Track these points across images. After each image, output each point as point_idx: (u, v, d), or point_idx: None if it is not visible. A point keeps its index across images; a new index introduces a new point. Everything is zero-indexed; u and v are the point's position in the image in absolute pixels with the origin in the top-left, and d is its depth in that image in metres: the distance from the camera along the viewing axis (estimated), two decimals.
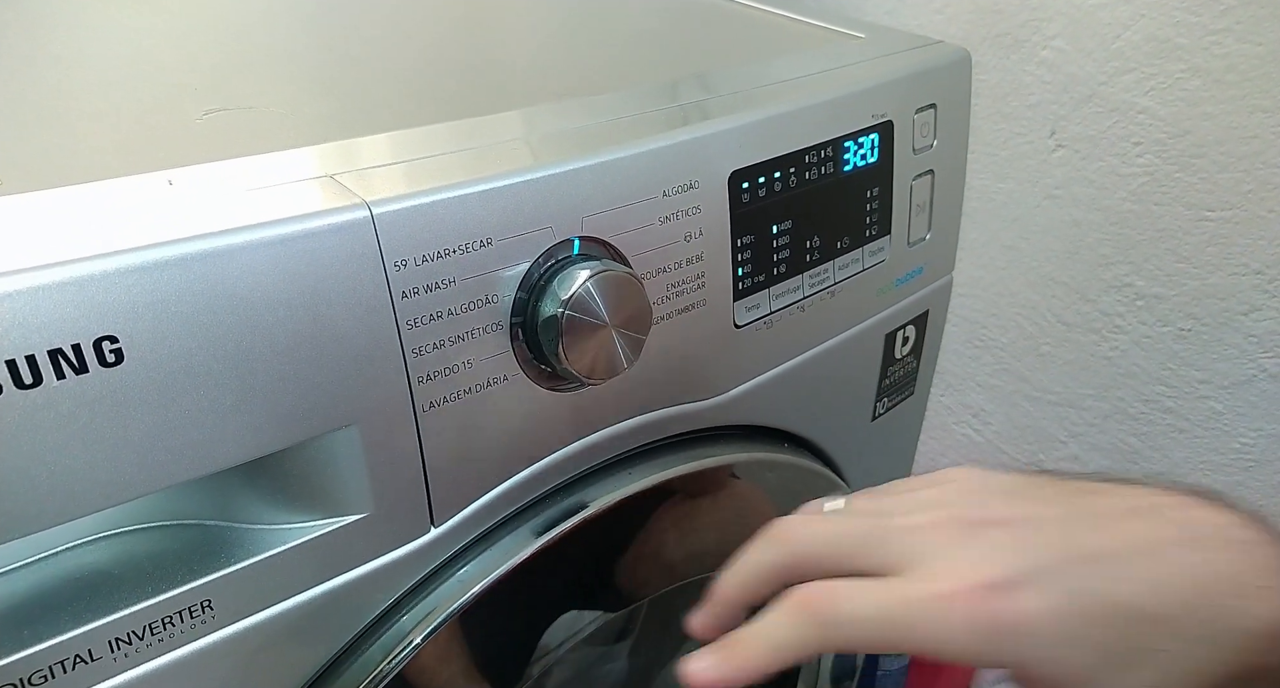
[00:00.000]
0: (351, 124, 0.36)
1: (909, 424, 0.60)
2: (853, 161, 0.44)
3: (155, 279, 0.25)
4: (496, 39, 0.51)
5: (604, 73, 0.46)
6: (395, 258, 0.29)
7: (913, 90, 0.46)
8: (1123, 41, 0.75)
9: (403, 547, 0.33)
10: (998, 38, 0.84)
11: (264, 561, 0.30)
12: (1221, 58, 0.69)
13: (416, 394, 0.31)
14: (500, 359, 0.33)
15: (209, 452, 0.27)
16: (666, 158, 0.36)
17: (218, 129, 0.34)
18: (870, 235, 0.47)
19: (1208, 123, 0.71)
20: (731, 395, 0.44)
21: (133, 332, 0.25)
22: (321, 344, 0.28)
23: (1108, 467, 0.90)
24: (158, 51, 0.44)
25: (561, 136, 0.36)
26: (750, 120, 0.39)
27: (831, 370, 0.49)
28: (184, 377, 0.26)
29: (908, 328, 0.54)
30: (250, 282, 0.26)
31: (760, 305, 0.43)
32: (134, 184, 0.28)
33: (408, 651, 0.35)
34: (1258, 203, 0.71)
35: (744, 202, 0.40)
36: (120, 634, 0.27)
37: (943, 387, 1.03)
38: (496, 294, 0.32)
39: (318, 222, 0.28)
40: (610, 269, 0.33)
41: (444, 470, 0.33)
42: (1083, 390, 0.90)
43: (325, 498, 0.31)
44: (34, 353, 0.23)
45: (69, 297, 0.24)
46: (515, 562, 0.37)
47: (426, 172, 0.31)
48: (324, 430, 0.29)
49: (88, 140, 0.33)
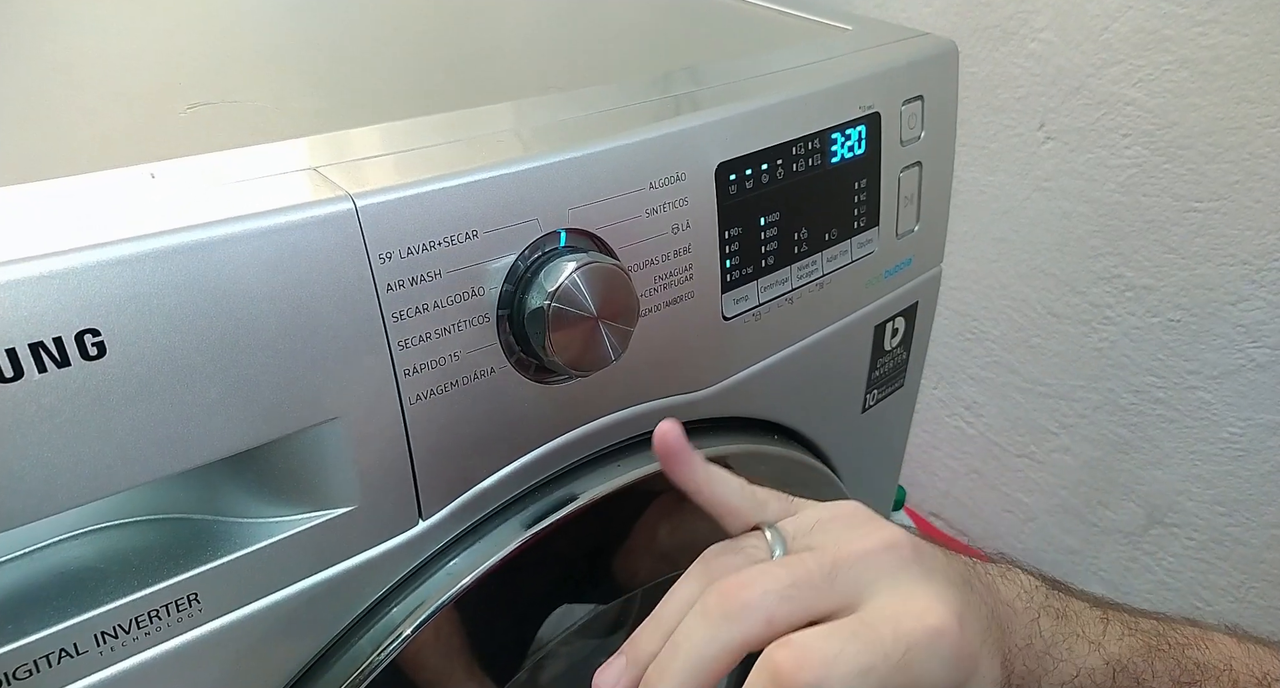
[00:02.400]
0: (336, 117, 0.36)
1: (899, 416, 0.60)
2: (840, 153, 0.44)
3: (137, 272, 0.25)
4: (484, 32, 0.51)
5: (591, 65, 0.46)
6: (380, 250, 0.29)
7: (900, 82, 0.46)
8: (1111, 33, 0.75)
9: (391, 539, 0.33)
10: (986, 30, 0.84)
11: (251, 554, 0.30)
12: (1208, 49, 0.69)
13: (403, 387, 0.31)
14: (487, 351, 0.33)
15: (193, 445, 0.27)
16: (653, 150, 0.36)
17: (202, 123, 0.34)
18: (858, 227, 0.47)
19: (1195, 114, 0.72)
20: (720, 387, 0.44)
21: (115, 325, 0.25)
22: (306, 337, 0.28)
23: (1099, 457, 0.91)
24: (143, 46, 0.44)
25: (548, 129, 0.36)
26: (737, 112, 0.39)
27: (821, 362, 0.49)
28: (167, 370, 0.26)
29: (897, 319, 0.54)
30: (233, 275, 0.26)
31: (748, 297, 0.43)
32: (116, 177, 0.28)
33: (397, 643, 0.35)
34: (1245, 193, 0.71)
35: (731, 193, 0.40)
36: (106, 628, 0.27)
37: (935, 379, 1.03)
38: (483, 286, 0.32)
39: (301, 214, 0.27)
40: (597, 261, 0.33)
41: (431, 463, 0.33)
42: (1073, 382, 0.90)
43: (312, 491, 0.31)
44: (14, 346, 0.23)
45: (50, 290, 0.23)
46: (504, 554, 0.37)
47: (411, 164, 0.31)
48: (310, 424, 0.29)
49: (71, 134, 0.33)
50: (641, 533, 0.45)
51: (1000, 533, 1.03)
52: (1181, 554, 0.51)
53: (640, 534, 0.45)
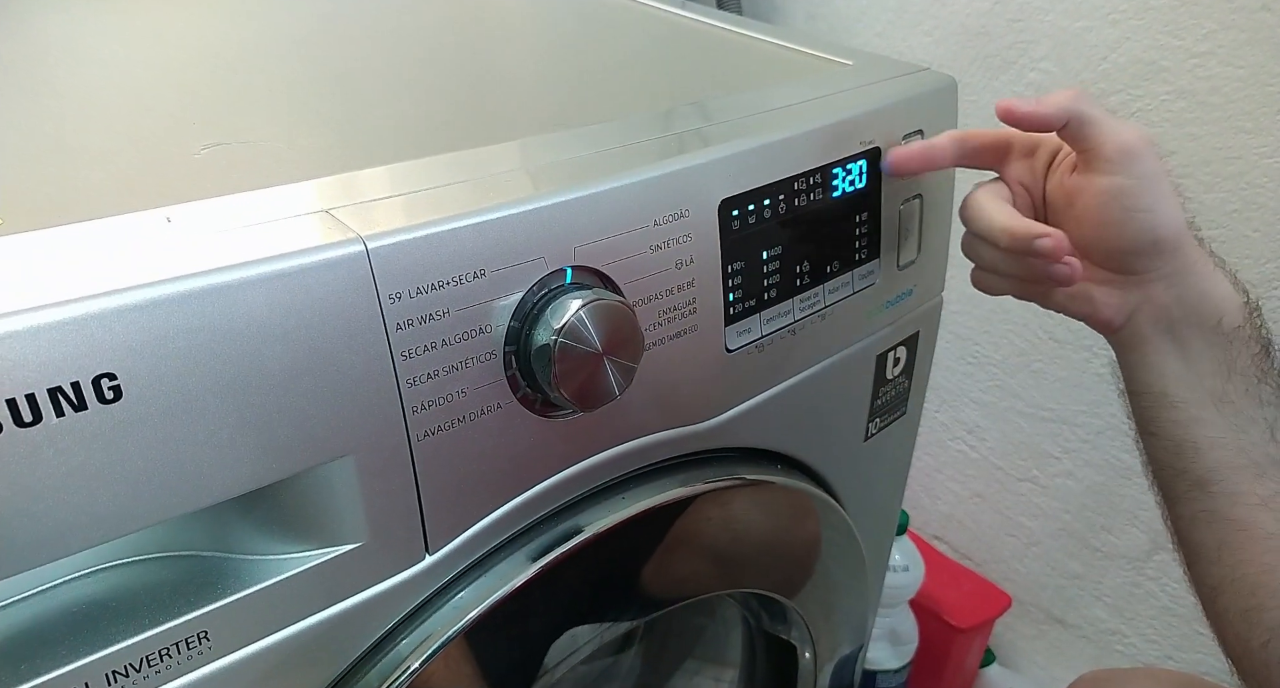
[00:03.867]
0: (347, 157, 0.37)
1: (902, 443, 0.61)
2: (841, 187, 0.45)
3: (153, 317, 0.25)
4: (492, 68, 0.51)
5: (596, 101, 0.47)
6: (390, 290, 0.30)
7: (899, 117, 0.47)
8: (1109, 63, 0.76)
9: (398, 574, 0.34)
10: (986, 59, 0.85)
11: (260, 591, 0.30)
12: (1205, 80, 0.70)
13: (411, 424, 0.32)
14: (494, 388, 0.34)
15: (206, 485, 0.27)
16: (657, 188, 0.37)
17: (216, 164, 0.35)
18: (860, 259, 0.48)
19: (1193, 144, 0.72)
20: (724, 419, 0.44)
21: (131, 369, 0.25)
22: (317, 377, 0.29)
23: (1102, 482, 0.91)
24: (158, 86, 0.45)
25: (554, 167, 0.36)
26: (739, 149, 0.40)
27: (823, 392, 0.50)
28: (182, 411, 0.26)
29: (898, 349, 0.54)
30: (247, 317, 0.27)
31: (751, 330, 0.43)
32: (133, 222, 0.29)
33: (405, 677, 0.35)
34: (1243, 222, 0.71)
35: (734, 229, 0.40)
36: (118, 667, 0.27)
37: (937, 403, 1.04)
38: (490, 324, 0.33)
39: (313, 257, 0.28)
40: (602, 298, 0.34)
41: (439, 498, 0.34)
42: (1075, 406, 0.90)
43: (321, 528, 0.31)
44: (34, 391, 0.24)
45: (68, 336, 0.24)
46: (511, 587, 0.37)
47: (420, 205, 0.32)
48: (320, 461, 0.30)
49: (88, 177, 0.34)
50: (646, 564, 0.45)
51: (1003, 557, 1.03)
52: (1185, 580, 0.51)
53: (645, 565, 0.45)
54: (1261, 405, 0.41)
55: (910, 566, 0.90)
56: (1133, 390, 0.45)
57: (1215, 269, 0.42)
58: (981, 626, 0.94)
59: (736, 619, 0.61)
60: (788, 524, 0.51)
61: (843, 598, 0.59)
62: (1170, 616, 0.88)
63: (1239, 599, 0.40)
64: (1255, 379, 0.41)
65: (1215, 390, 0.41)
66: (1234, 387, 0.41)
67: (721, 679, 0.64)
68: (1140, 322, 0.43)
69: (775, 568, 0.52)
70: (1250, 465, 0.40)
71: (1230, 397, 0.41)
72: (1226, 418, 0.41)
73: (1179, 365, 0.42)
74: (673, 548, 0.45)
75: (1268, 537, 0.39)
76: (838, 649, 0.61)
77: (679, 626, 0.66)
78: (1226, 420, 0.41)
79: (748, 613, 0.59)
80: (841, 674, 0.64)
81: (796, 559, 0.53)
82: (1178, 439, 0.43)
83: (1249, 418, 0.41)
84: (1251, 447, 0.41)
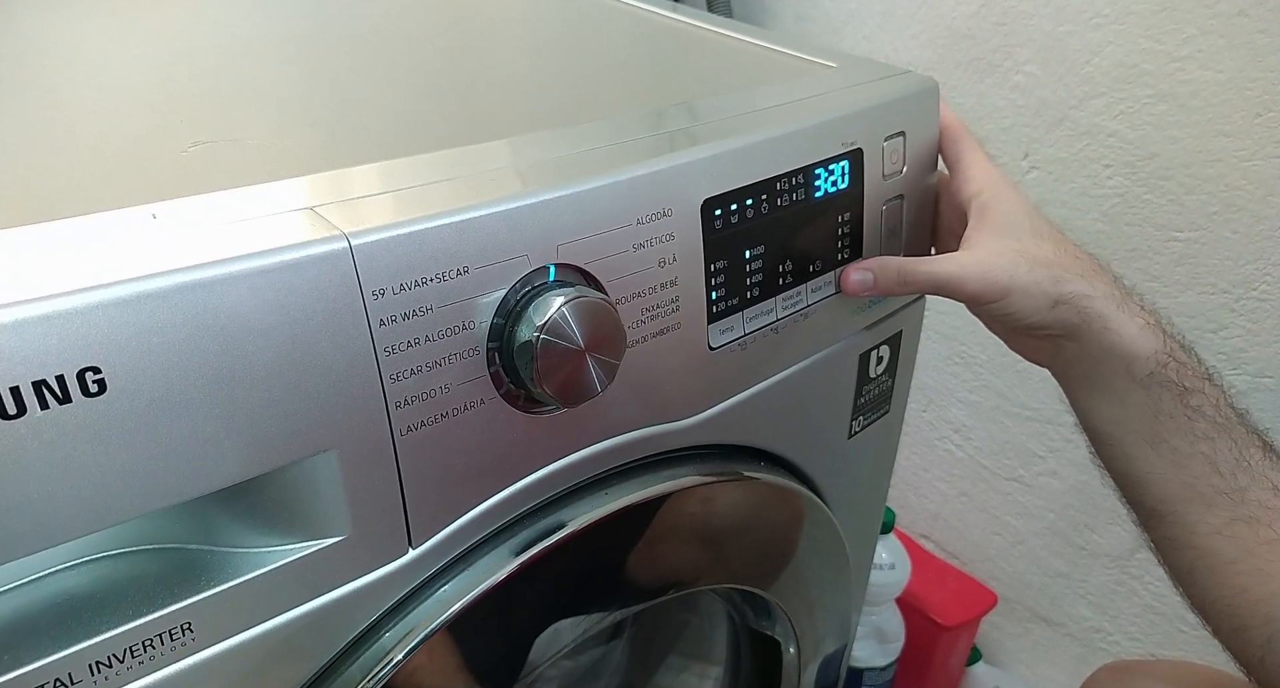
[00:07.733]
0: (334, 156, 0.37)
1: (886, 441, 0.61)
2: (824, 188, 0.45)
3: (138, 311, 0.26)
4: (481, 68, 0.52)
5: (584, 101, 0.47)
6: (373, 287, 0.30)
7: (882, 119, 0.48)
8: (1092, 67, 0.77)
9: (382, 568, 0.34)
10: (971, 63, 0.86)
11: (244, 583, 0.30)
12: (1186, 84, 0.71)
13: (394, 419, 0.32)
14: (477, 384, 0.34)
15: (190, 478, 0.28)
16: (640, 187, 0.37)
17: (203, 162, 0.35)
18: (843, 258, 0.48)
19: (1174, 146, 0.73)
20: (706, 416, 0.45)
21: (115, 362, 0.25)
22: (301, 372, 0.29)
23: (1086, 481, 0.91)
24: (147, 84, 0.45)
25: (540, 166, 0.37)
26: (723, 150, 0.40)
27: (806, 390, 0.50)
28: (166, 405, 0.27)
29: (881, 348, 0.55)
30: (231, 313, 0.27)
31: (734, 328, 0.44)
32: (119, 218, 0.29)
33: (388, 669, 0.35)
34: (1223, 224, 0.72)
35: (717, 228, 0.41)
36: (101, 657, 0.28)
37: (924, 402, 1.04)
38: (473, 320, 0.33)
39: (297, 253, 0.28)
40: (585, 295, 0.34)
41: (421, 493, 0.34)
42: (1060, 406, 0.91)
43: (305, 521, 0.32)
44: (18, 384, 0.24)
45: (53, 329, 0.24)
46: (494, 581, 0.37)
47: (405, 202, 0.32)
48: (304, 456, 0.30)
49: (75, 173, 0.34)
50: (629, 559, 0.46)
51: (989, 555, 1.04)
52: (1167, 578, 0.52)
53: (628, 560, 0.46)
54: (1196, 440, 0.40)
55: (897, 564, 0.91)
56: (1080, 422, 0.46)
57: (1124, 318, 0.42)
58: (967, 624, 0.95)
59: (721, 616, 0.62)
60: (771, 520, 0.52)
61: (826, 594, 0.59)
62: (1153, 613, 0.89)
63: (1226, 620, 0.40)
64: (1185, 418, 0.40)
65: (1145, 431, 0.41)
66: (1163, 426, 0.41)
67: (707, 676, 0.65)
68: (1060, 369, 0.45)
69: (759, 563, 0.53)
70: (1197, 497, 0.40)
71: (1163, 436, 0.41)
72: (1163, 456, 0.41)
73: (1107, 408, 0.43)
74: (656, 543, 0.45)
75: (1231, 563, 0.39)
76: (822, 646, 0.62)
77: (664, 621, 0.66)
78: (1164, 459, 0.41)
79: (732, 609, 0.60)
80: (827, 672, 0.64)
81: (781, 555, 0.54)
82: (1121, 473, 0.43)
83: (1185, 454, 0.40)
84: (1195, 480, 0.40)
